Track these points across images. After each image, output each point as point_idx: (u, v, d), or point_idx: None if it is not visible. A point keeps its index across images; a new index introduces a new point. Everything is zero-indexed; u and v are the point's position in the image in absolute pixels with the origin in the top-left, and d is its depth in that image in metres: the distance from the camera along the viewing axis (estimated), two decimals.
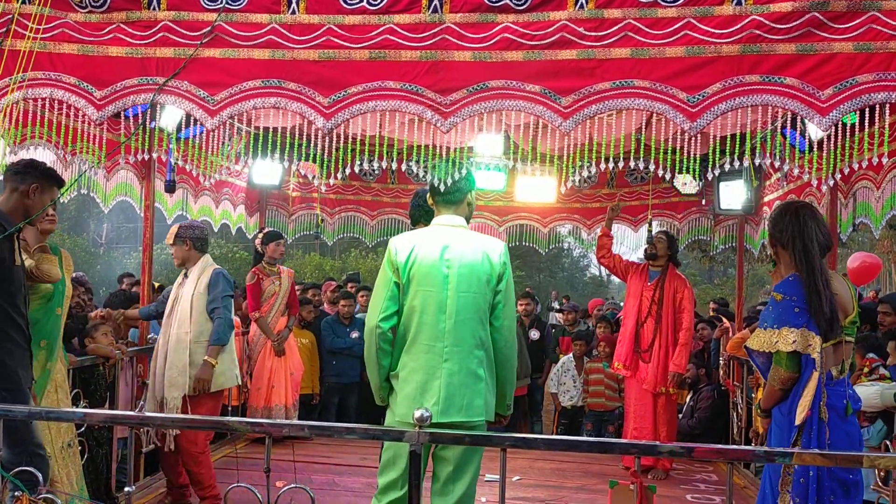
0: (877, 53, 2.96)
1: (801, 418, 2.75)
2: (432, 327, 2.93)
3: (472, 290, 2.95)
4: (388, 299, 2.96)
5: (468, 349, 2.93)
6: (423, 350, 2.93)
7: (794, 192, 5.82)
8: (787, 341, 2.78)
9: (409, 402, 2.91)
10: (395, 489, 2.96)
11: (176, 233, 4.60)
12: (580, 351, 7.30)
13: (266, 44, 3.30)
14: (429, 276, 2.94)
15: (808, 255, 2.86)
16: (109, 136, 4.48)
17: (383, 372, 3.01)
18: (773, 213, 3.08)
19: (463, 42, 3.19)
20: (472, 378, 2.93)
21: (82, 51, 3.43)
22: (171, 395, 4.40)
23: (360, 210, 7.80)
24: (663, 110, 3.08)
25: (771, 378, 2.89)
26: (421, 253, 2.97)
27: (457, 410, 2.88)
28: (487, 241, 3.08)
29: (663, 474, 5.67)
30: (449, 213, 3.10)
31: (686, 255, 21.34)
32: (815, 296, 2.79)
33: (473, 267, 2.96)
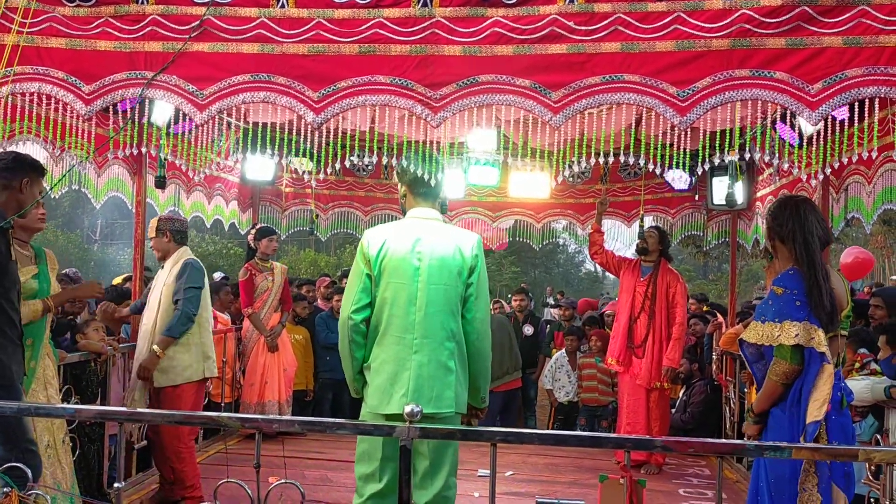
0: (866, 48, 2.97)
1: (822, 413, 2.72)
2: (402, 319, 2.95)
3: (443, 283, 2.97)
4: (360, 291, 2.99)
5: (438, 341, 2.95)
6: (393, 342, 2.96)
7: (787, 187, 5.83)
8: (790, 335, 2.77)
9: (380, 393, 2.95)
10: (374, 482, 2.99)
11: (156, 225, 4.56)
12: (572, 346, 7.31)
13: (255, 38, 3.29)
14: (399, 268, 2.97)
15: (808, 249, 2.85)
16: (99, 130, 4.46)
17: (356, 364, 3.05)
18: (773, 206, 3.06)
19: (453, 36, 3.19)
20: (442, 370, 2.94)
21: (70, 45, 3.42)
22: (137, 386, 4.40)
23: (353, 206, 7.78)
24: (653, 105, 3.08)
25: (771, 372, 2.86)
26: (392, 245, 2.99)
27: (426, 402, 2.89)
28: (460, 233, 3.09)
29: (656, 469, 5.68)
30: (426, 207, 3.12)
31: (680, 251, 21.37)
32: (816, 289, 2.79)
33: (444, 259, 2.98)
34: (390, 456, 2.96)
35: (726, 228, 7.29)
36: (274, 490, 2.54)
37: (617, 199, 7.59)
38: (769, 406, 2.92)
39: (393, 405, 2.92)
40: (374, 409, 2.96)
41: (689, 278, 26.69)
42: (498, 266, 28.35)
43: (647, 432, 5.64)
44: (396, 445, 2.93)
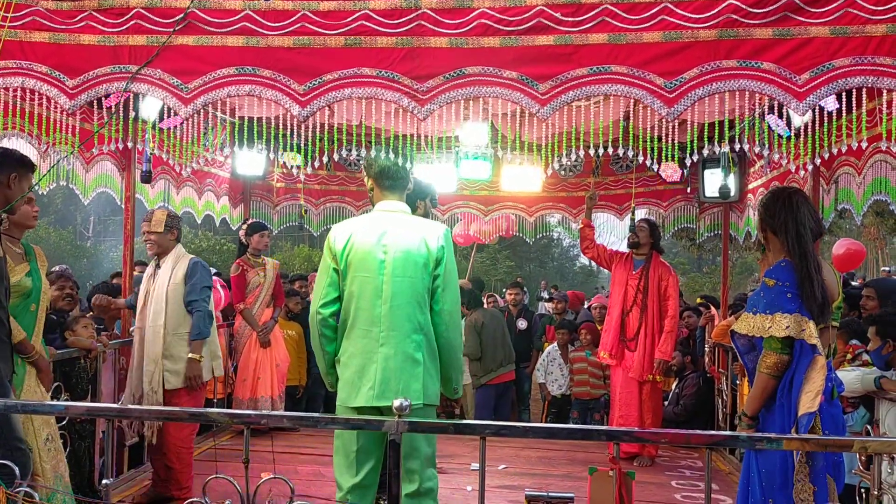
0: (853, 37, 2.96)
1: (816, 404, 2.72)
2: (368, 312, 2.97)
3: (409, 275, 2.97)
4: (327, 286, 3.02)
5: (405, 333, 2.95)
6: (360, 335, 2.98)
7: (778, 178, 5.84)
8: (781, 326, 2.77)
9: (348, 386, 2.98)
10: (351, 475, 3.00)
11: (166, 221, 4.44)
12: (563, 339, 7.32)
13: (240, 31, 3.26)
14: (365, 262, 2.99)
15: (800, 241, 2.85)
16: (86, 125, 4.42)
17: (328, 358, 3.08)
18: (765, 197, 3.05)
19: (439, 28, 3.17)
20: (409, 362, 2.95)
21: (54, 39, 3.38)
22: (149, 387, 4.35)
23: (344, 200, 7.77)
24: (640, 96, 3.07)
25: (761, 365, 2.85)
26: (358, 239, 3.01)
27: (393, 394, 2.90)
28: (427, 225, 3.09)
29: (648, 461, 5.69)
30: (393, 199, 3.14)
31: (674, 244, 21.40)
32: (808, 281, 2.79)
33: (410, 251, 2.98)
34: (364, 448, 2.99)
35: (718, 221, 7.30)
36: (263, 485, 2.54)
37: (609, 192, 7.60)
38: (761, 404, 2.91)
39: (361, 398, 2.94)
40: (343, 403, 2.99)
41: (683, 271, 26.75)
42: (493, 260, 28.34)
43: (640, 425, 5.65)
44: (371, 438, 2.97)
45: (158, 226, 4.42)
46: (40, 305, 3.69)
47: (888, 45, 2.93)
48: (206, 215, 7.03)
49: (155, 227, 4.41)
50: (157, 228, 4.41)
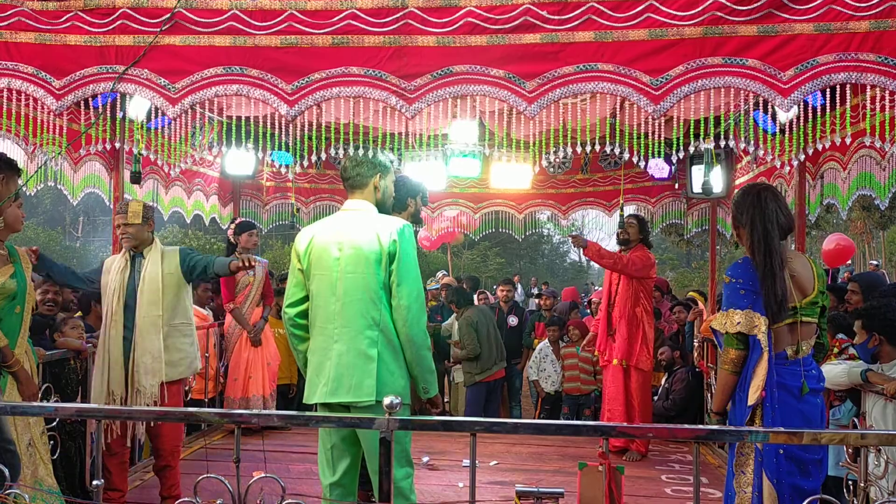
0: (837, 34, 2.99)
1: (754, 398, 2.80)
2: (324, 310, 3.03)
3: (360, 271, 2.99)
4: (293, 286, 3.13)
5: (358, 330, 2.98)
6: (319, 332, 3.05)
7: (764, 174, 5.88)
8: (733, 322, 2.86)
9: (308, 384, 3.06)
10: (330, 472, 3.07)
11: (143, 213, 4.26)
12: (554, 336, 7.35)
13: (227, 30, 3.26)
14: (321, 260, 3.05)
15: (767, 238, 2.90)
16: (73, 126, 4.40)
17: (302, 357, 3.17)
18: (736, 195, 3.13)
19: (426, 27, 3.18)
20: (362, 358, 2.96)
21: (40, 39, 3.37)
22: (147, 382, 4.20)
23: (334, 199, 7.76)
24: (627, 94, 3.09)
25: (721, 362, 2.95)
26: (317, 239, 3.08)
27: (345, 391, 2.93)
28: (382, 221, 3.08)
29: (638, 455, 5.73)
30: (354, 198, 3.17)
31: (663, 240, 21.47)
32: (770, 278, 2.83)
33: (360, 248, 3.01)
34: (337, 446, 3.05)
35: (706, 216, 7.34)
36: (255, 484, 2.54)
37: (597, 188, 7.64)
38: (726, 398, 2.99)
39: (316, 395, 3.01)
40: (306, 400, 3.08)
41: (672, 266, 26.85)
42: (483, 257, 28.37)
43: (628, 419, 5.69)
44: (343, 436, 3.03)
45: (136, 217, 4.25)
46: (25, 307, 3.67)
47: (871, 41, 2.96)
48: (196, 215, 7.01)
49: (132, 220, 4.24)
50: (135, 220, 4.24)
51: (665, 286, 9.03)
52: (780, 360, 2.87)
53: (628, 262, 5.64)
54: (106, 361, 4.23)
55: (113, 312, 4.22)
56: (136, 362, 4.18)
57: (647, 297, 5.79)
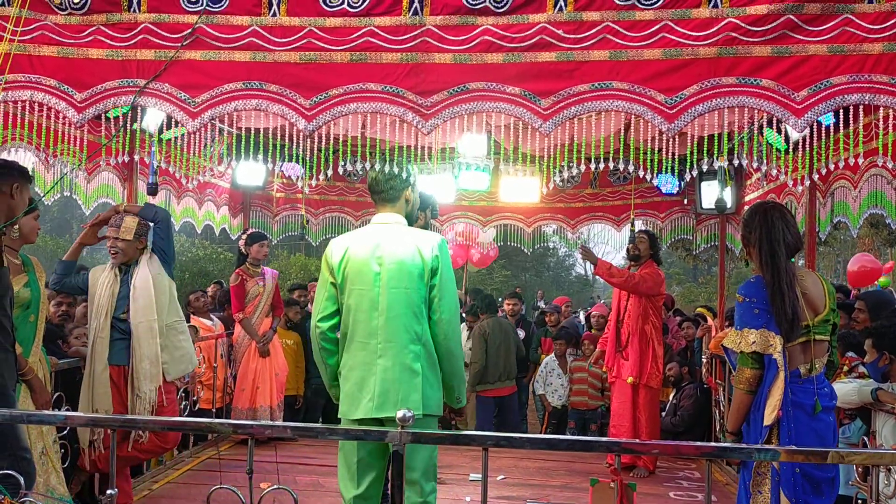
0: (850, 55, 3.01)
1: (771, 418, 2.81)
2: (366, 324, 3.00)
3: (404, 286, 2.99)
4: (325, 299, 3.07)
5: (402, 344, 2.98)
6: (359, 347, 3.01)
7: (774, 191, 5.90)
8: (748, 341, 2.86)
9: (349, 399, 3.00)
10: (353, 486, 3.03)
11: (136, 230, 4.20)
12: (561, 350, 7.34)
13: (247, 46, 3.31)
14: (360, 275, 3.02)
15: (773, 257, 2.92)
16: (91, 137, 4.45)
17: (331, 371, 3.12)
18: (745, 213, 3.15)
19: (443, 44, 3.22)
20: (408, 373, 2.97)
21: (62, 53, 3.42)
22: (146, 388, 4.19)
23: (344, 210, 7.80)
24: (641, 112, 3.12)
25: (735, 381, 2.95)
26: (353, 252, 3.04)
27: (392, 406, 2.91)
28: (421, 235, 3.11)
29: (645, 472, 5.71)
30: (386, 212, 3.15)
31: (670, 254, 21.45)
32: (779, 296, 2.85)
33: (404, 263, 3.00)
34: (365, 460, 3.01)
35: (715, 232, 7.35)
36: (267, 495, 2.56)
37: (606, 203, 7.66)
38: (741, 418, 2.99)
39: (361, 410, 2.96)
40: (344, 415, 3.02)
41: (678, 281, 26.79)
42: (489, 270, 28.35)
43: (634, 434, 5.68)
44: (371, 450, 2.99)
45: (128, 234, 4.18)
46: (39, 316, 3.71)
47: (885, 63, 2.99)
48: (206, 225, 7.05)
49: (124, 235, 4.17)
50: (126, 236, 4.17)
51: (670, 302, 9.03)
52: (793, 379, 2.88)
53: (640, 281, 5.64)
54: (90, 376, 4.20)
55: (100, 328, 4.20)
56: (135, 368, 4.18)
57: (656, 314, 5.80)
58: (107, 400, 4.18)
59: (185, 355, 4.38)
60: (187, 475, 5.32)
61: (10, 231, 3.50)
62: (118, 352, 4.22)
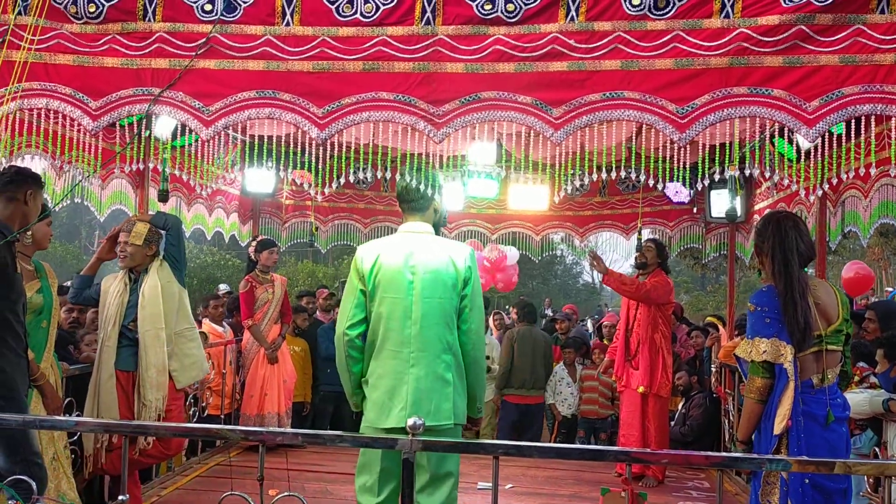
0: (862, 66, 3.01)
1: (780, 427, 2.80)
2: (398, 333, 2.99)
3: (437, 296, 3.00)
4: (354, 307, 3.04)
5: (435, 354, 2.98)
6: (390, 356, 2.99)
7: (784, 200, 5.89)
8: (759, 351, 2.86)
9: (378, 407, 2.98)
10: (372, 495, 3.01)
11: (146, 235, 4.21)
12: (570, 358, 7.33)
13: (260, 55, 3.33)
14: (393, 283, 3.00)
15: (787, 266, 2.92)
16: (104, 144, 4.49)
17: (354, 379, 3.09)
18: (758, 223, 3.15)
19: (455, 54, 3.23)
20: (440, 382, 2.97)
21: (78, 62, 3.45)
22: (152, 396, 4.17)
23: (353, 218, 7.83)
24: (653, 121, 3.13)
25: (747, 390, 2.94)
26: (385, 260, 3.03)
27: (424, 415, 2.89)
28: (453, 246, 3.13)
29: (654, 482, 5.69)
30: (415, 220, 3.16)
31: (678, 263, 21.39)
32: (791, 306, 2.84)
33: (438, 272, 3.01)
34: (388, 469, 2.99)
35: (724, 241, 7.34)
36: (277, 502, 2.56)
37: (615, 211, 7.66)
38: (752, 427, 2.98)
39: (392, 419, 2.94)
40: (372, 424, 2.99)
41: (686, 290, 26.71)
42: None
43: (643, 443, 5.66)
44: (394, 458, 2.97)
45: (137, 238, 4.20)
46: (51, 322, 3.74)
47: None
48: (216, 232, 7.09)
49: (133, 240, 4.19)
50: (136, 241, 4.19)
51: (679, 310, 9.01)
52: (805, 389, 2.87)
53: (651, 290, 5.62)
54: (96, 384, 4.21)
55: (107, 337, 4.21)
56: (142, 377, 4.18)
57: (665, 323, 5.78)
58: (113, 407, 4.18)
59: (195, 363, 4.37)
60: (196, 481, 5.33)
61: (23, 237, 3.53)
62: (125, 358, 4.23)
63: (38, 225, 3.61)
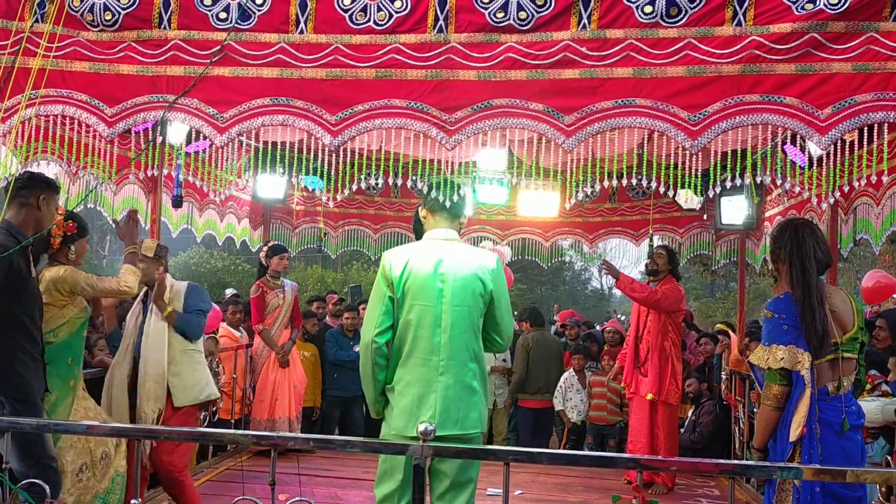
0: (875, 73, 3.01)
1: (795, 434, 2.79)
2: (428, 341, 2.96)
3: (467, 304, 3.00)
4: (382, 314, 2.99)
5: (463, 362, 2.98)
6: (419, 364, 2.97)
7: (795, 207, 5.87)
8: (776, 358, 2.85)
9: (406, 415, 2.95)
10: (392, 502, 2.98)
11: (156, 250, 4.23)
12: (580, 364, 7.32)
13: (275, 62, 3.36)
14: (423, 291, 2.98)
15: (805, 273, 2.91)
16: (118, 150, 4.53)
17: (379, 386, 3.04)
18: (774, 229, 3.14)
19: (468, 61, 3.25)
20: (468, 391, 2.97)
21: (94, 69, 3.49)
22: (147, 409, 4.14)
23: (363, 224, 7.85)
24: (664, 129, 3.13)
25: (763, 397, 2.93)
26: (415, 267, 3.00)
27: (453, 423, 2.91)
28: (481, 254, 3.14)
29: (664, 489, 5.67)
30: (444, 227, 3.14)
31: (688, 269, 21.32)
32: (809, 313, 2.84)
33: (466, 280, 3.01)
34: (409, 478, 2.92)
35: (735, 248, 7.31)
36: None
37: (625, 217, 7.66)
38: (768, 435, 2.96)
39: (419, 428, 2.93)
40: (400, 432, 2.96)
41: (696, 296, 26.58)
42: None
43: (652, 450, 5.64)
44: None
45: (148, 251, 4.21)
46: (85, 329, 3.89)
47: None
48: (227, 237, 7.13)
49: (145, 251, 4.18)
50: (147, 253, 4.19)
51: (689, 317, 8.99)
52: (821, 396, 2.86)
53: (662, 298, 5.62)
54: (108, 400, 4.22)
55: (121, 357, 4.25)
56: (139, 388, 4.16)
57: (676, 331, 5.77)
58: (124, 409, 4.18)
59: (196, 384, 4.25)
60: (206, 486, 5.34)
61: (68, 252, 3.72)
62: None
63: (79, 241, 3.79)
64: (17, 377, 3.14)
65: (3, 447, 2.61)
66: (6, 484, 2.60)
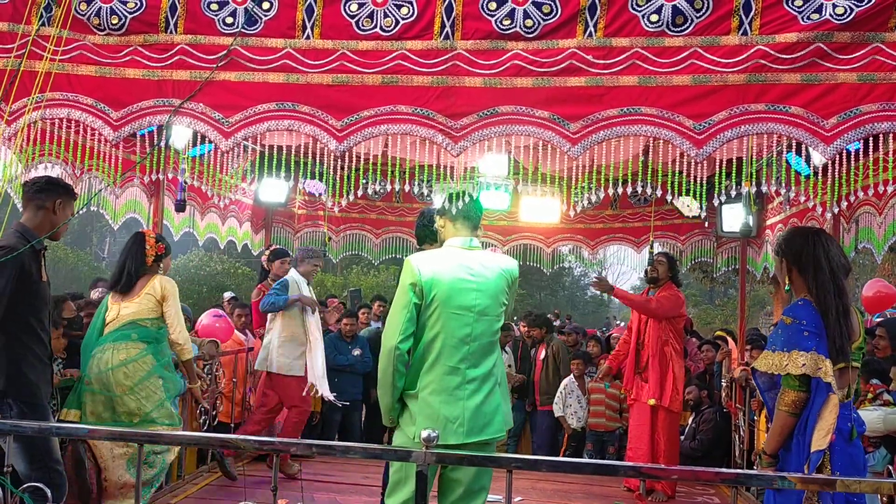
0: (880, 84, 3.02)
1: (825, 442, 2.75)
2: (456, 349, 2.96)
3: (491, 313, 3.04)
4: (407, 321, 2.96)
5: (488, 369, 3.01)
6: (445, 371, 2.95)
7: (797, 216, 5.88)
8: (797, 364, 2.81)
9: (431, 423, 2.90)
10: None
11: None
12: (579, 370, 7.31)
13: (280, 68, 3.36)
14: (453, 300, 2.97)
15: (835, 277, 2.89)
16: (122, 154, 4.53)
17: (397, 393, 3.00)
18: (788, 236, 3.08)
19: (474, 68, 3.25)
20: (492, 396, 3.00)
21: (100, 72, 3.49)
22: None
23: (364, 228, 7.86)
24: (670, 137, 3.14)
25: (780, 402, 2.89)
26: (443, 275, 2.98)
27: (480, 429, 2.93)
28: (504, 262, 3.17)
29: (664, 496, 5.66)
30: (467, 235, 3.14)
31: (687, 276, 21.33)
32: (844, 316, 2.83)
33: (493, 291, 3.04)
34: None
35: (735, 255, 7.32)
36: None
37: (626, 224, 7.67)
38: (781, 442, 2.93)
39: (449, 436, 2.89)
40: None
41: (695, 303, 26.60)
42: None
43: (652, 457, 5.63)
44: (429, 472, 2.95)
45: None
46: None
47: None
48: (229, 240, 7.13)
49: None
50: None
51: (689, 324, 8.98)
52: None
53: (657, 307, 5.64)
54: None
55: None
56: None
57: (676, 337, 5.77)
58: None
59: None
60: (206, 490, 5.34)
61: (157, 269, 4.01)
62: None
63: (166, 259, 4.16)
64: (25, 380, 3.15)
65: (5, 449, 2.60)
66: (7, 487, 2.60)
